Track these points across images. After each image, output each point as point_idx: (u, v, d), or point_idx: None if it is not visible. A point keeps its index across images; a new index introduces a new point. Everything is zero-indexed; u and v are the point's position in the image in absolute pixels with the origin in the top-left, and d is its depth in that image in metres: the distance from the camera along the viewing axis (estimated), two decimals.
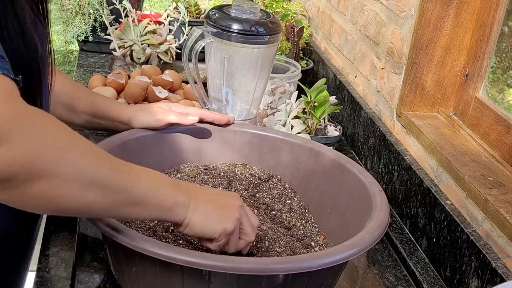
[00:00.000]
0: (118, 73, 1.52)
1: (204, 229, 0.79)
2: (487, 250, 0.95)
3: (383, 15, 1.42)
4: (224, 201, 0.82)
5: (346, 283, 1.01)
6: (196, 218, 0.78)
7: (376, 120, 1.38)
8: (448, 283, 1.03)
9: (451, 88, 1.28)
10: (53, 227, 0.99)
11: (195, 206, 0.78)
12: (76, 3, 1.79)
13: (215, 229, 0.79)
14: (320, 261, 0.78)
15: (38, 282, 0.87)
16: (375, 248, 1.11)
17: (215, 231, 0.79)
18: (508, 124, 1.09)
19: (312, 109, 1.35)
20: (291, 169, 1.11)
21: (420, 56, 1.26)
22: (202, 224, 0.78)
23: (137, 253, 0.76)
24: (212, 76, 1.27)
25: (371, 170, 1.37)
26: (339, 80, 1.63)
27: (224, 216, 0.80)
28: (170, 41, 1.69)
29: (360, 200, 0.97)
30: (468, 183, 1.04)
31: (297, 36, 1.72)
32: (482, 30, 1.19)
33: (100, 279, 0.92)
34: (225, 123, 1.12)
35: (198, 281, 0.78)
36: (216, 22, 1.20)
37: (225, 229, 0.79)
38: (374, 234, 0.84)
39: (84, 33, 1.80)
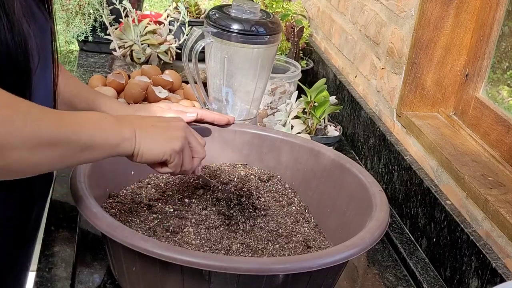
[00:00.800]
0: (118, 73, 1.52)
1: (153, 154, 0.82)
2: (487, 250, 0.95)
3: (383, 15, 1.42)
4: (167, 124, 0.86)
5: (346, 283, 1.01)
6: (144, 146, 0.81)
7: (376, 120, 1.38)
8: (448, 283, 1.03)
9: (451, 88, 1.28)
10: (53, 227, 0.99)
11: (140, 135, 0.81)
12: (76, 3, 1.79)
13: (164, 150, 0.83)
14: (320, 261, 0.78)
15: (38, 282, 0.87)
16: (375, 248, 1.11)
17: (164, 151, 0.83)
18: (508, 124, 1.09)
19: (312, 109, 1.35)
20: (291, 169, 1.11)
21: (420, 56, 1.26)
22: (151, 150, 0.82)
23: (137, 253, 0.76)
24: (212, 76, 1.27)
25: (371, 170, 1.37)
26: (339, 80, 1.63)
27: (170, 137, 0.84)
28: (170, 41, 1.69)
29: (360, 200, 0.97)
30: (468, 183, 1.04)
31: (297, 36, 1.72)
32: (482, 30, 1.19)
33: (100, 279, 0.92)
34: (225, 123, 1.12)
35: (198, 281, 0.78)
36: (216, 22, 1.20)
37: (173, 148, 0.83)
38: (374, 234, 0.84)
39: (84, 33, 1.80)
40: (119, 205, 0.94)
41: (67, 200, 1.07)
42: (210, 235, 0.91)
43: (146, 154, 0.82)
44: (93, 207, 0.81)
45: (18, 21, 0.76)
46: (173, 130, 0.85)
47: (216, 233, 0.92)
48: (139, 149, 0.81)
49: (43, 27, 0.86)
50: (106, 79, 1.52)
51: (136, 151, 0.81)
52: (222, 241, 0.90)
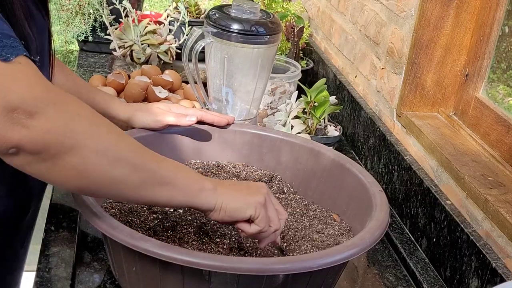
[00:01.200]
0: (118, 73, 1.52)
1: (237, 207, 0.79)
2: (487, 250, 0.95)
3: (383, 15, 1.42)
4: (246, 186, 0.83)
5: (346, 283, 1.01)
6: (227, 200, 0.78)
7: (376, 120, 1.38)
8: (448, 283, 1.03)
9: (451, 88, 1.28)
10: (53, 227, 1.00)
11: (222, 189, 0.79)
12: (76, 3, 1.79)
13: (248, 203, 0.79)
14: (320, 261, 0.78)
15: (38, 282, 0.87)
16: (375, 248, 1.11)
17: (248, 204, 0.79)
18: (508, 124, 1.09)
19: (312, 109, 1.35)
20: (291, 169, 1.11)
21: (420, 56, 1.26)
22: (235, 203, 0.79)
23: (137, 253, 0.76)
24: (212, 76, 1.27)
25: (371, 170, 1.37)
26: (339, 80, 1.63)
27: (253, 192, 0.81)
28: (170, 41, 1.69)
29: (360, 200, 0.97)
30: (468, 183, 1.04)
31: (297, 36, 1.72)
32: (482, 30, 1.19)
33: (100, 279, 0.92)
34: (224, 124, 1.12)
35: (198, 281, 0.78)
36: (216, 22, 1.20)
37: (258, 200, 0.80)
38: (374, 234, 0.84)
39: (84, 33, 1.80)
40: (119, 205, 0.94)
41: (67, 200, 1.07)
42: (211, 235, 0.91)
43: (230, 208, 0.78)
44: (93, 207, 0.81)
45: (20, 23, 0.77)
46: (254, 187, 0.82)
47: (217, 233, 0.92)
48: (222, 203, 0.78)
49: (41, 28, 0.86)
50: (106, 79, 1.52)
51: (218, 205, 0.78)
52: (223, 241, 0.90)
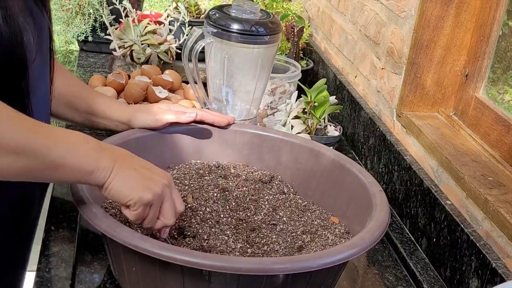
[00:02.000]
0: (118, 73, 1.52)
1: (120, 194, 0.79)
2: (487, 250, 0.95)
3: (383, 15, 1.42)
4: (150, 173, 0.81)
5: (346, 283, 1.01)
6: (115, 183, 0.78)
7: (376, 120, 1.38)
8: (448, 283, 1.03)
9: (451, 88, 1.28)
10: (53, 227, 1.00)
11: (117, 171, 0.78)
12: (76, 3, 1.79)
13: (131, 195, 0.78)
14: (320, 261, 0.78)
15: (38, 282, 0.87)
16: (375, 248, 1.11)
17: (131, 197, 0.79)
18: (508, 124, 1.09)
19: (312, 109, 1.35)
20: (291, 169, 1.11)
21: (420, 56, 1.26)
22: (120, 189, 0.78)
23: (137, 253, 0.76)
24: (212, 76, 1.27)
25: (371, 170, 1.37)
26: (339, 80, 1.63)
27: (144, 186, 0.79)
28: (170, 41, 1.69)
29: (360, 200, 0.97)
30: (468, 183, 1.04)
31: (297, 36, 1.72)
32: (482, 30, 1.19)
33: (100, 279, 0.92)
34: (225, 125, 1.12)
35: (198, 281, 0.78)
36: (216, 22, 1.20)
37: (141, 197, 0.79)
38: (374, 234, 0.84)
39: (84, 33, 1.80)
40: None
41: (67, 200, 1.07)
42: (211, 235, 0.91)
43: (112, 191, 0.79)
44: (93, 207, 0.81)
45: (13, 14, 0.77)
46: (151, 182, 0.80)
47: (217, 233, 0.92)
48: (109, 184, 0.78)
49: (41, 25, 0.86)
50: (106, 79, 1.52)
51: (106, 185, 0.78)
52: (223, 241, 0.90)
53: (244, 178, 1.08)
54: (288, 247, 0.92)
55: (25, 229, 0.99)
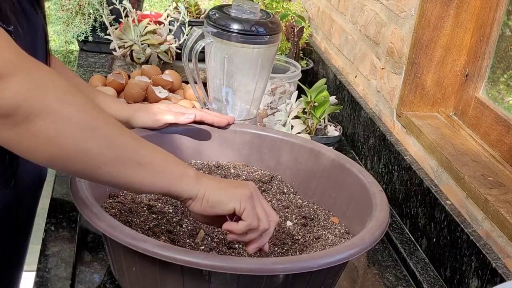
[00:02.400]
0: (118, 73, 1.52)
1: (221, 198, 0.74)
2: (487, 250, 0.95)
3: (383, 15, 1.42)
4: (234, 182, 0.80)
5: (346, 283, 1.01)
6: (210, 189, 0.74)
7: (376, 120, 1.38)
8: (448, 283, 1.03)
9: (451, 88, 1.28)
10: (53, 227, 1.00)
11: (206, 180, 0.75)
12: (76, 3, 1.79)
13: (232, 195, 0.74)
14: (320, 261, 0.78)
15: (38, 282, 0.87)
16: (375, 248, 1.11)
17: (232, 196, 0.74)
18: (508, 124, 1.09)
19: (312, 109, 1.35)
20: (291, 169, 1.11)
21: (420, 56, 1.26)
22: (218, 194, 0.74)
23: (137, 253, 0.76)
24: (212, 76, 1.27)
25: (371, 170, 1.37)
26: (339, 80, 1.63)
27: (238, 186, 0.77)
28: (170, 41, 1.69)
29: (360, 200, 0.97)
30: (468, 183, 1.04)
31: (297, 36, 1.72)
32: (482, 30, 1.19)
33: (100, 279, 0.92)
34: (225, 125, 1.12)
35: (198, 281, 0.78)
36: (216, 22, 1.20)
37: (242, 193, 0.75)
38: (374, 234, 0.84)
39: (84, 33, 1.80)
40: (119, 205, 0.94)
41: (67, 200, 1.07)
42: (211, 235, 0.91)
43: (213, 198, 0.74)
44: (93, 207, 0.81)
45: (5, 14, 0.76)
46: (241, 182, 0.79)
47: (218, 233, 0.92)
48: (205, 192, 0.73)
49: (35, 26, 0.86)
50: (106, 79, 1.52)
51: (201, 193, 0.73)
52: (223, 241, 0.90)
53: (244, 178, 1.08)
54: (288, 247, 0.92)
55: (20, 229, 0.99)
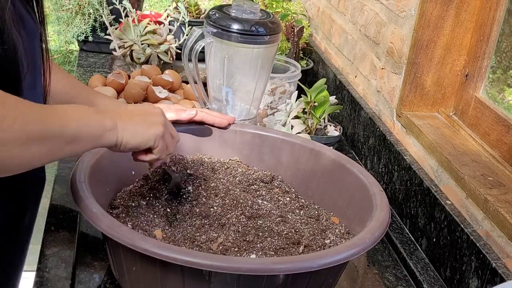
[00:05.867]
0: (118, 73, 1.52)
1: (137, 141, 0.83)
2: (487, 250, 0.95)
3: (383, 15, 1.42)
4: (145, 111, 0.87)
5: (346, 283, 1.01)
6: (127, 135, 0.82)
7: (376, 120, 1.38)
8: (448, 283, 1.03)
9: (451, 88, 1.28)
10: (53, 227, 1.00)
11: (122, 125, 0.82)
12: (76, 3, 1.79)
13: (148, 136, 0.84)
14: (320, 261, 0.78)
15: (38, 282, 0.87)
16: (375, 248, 1.11)
17: (148, 137, 0.84)
18: (508, 124, 1.09)
19: (312, 109, 1.35)
20: (291, 169, 1.11)
21: (420, 56, 1.26)
22: (134, 137, 0.83)
23: (137, 253, 0.76)
24: (212, 76, 1.27)
25: (371, 170, 1.37)
26: (339, 80, 1.63)
27: (151, 123, 0.85)
28: (170, 41, 1.69)
29: (361, 200, 0.97)
30: (468, 183, 1.04)
31: (297, 36, 1.72)
32: (482, 30, 1.19)
33: (100, 279, 0.92)
34: (225, 125, 1.12)
35: (198, 281, 0.78)
36: (216, 22, 1.20)
37: (156, 133, 0.85)
38: (375, 234, 0.84)
39: (84, 33, 1.80)
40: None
41: (67, 200, 1.07)
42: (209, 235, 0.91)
43: (130, 142, 0.82)
44: (93, 207, 0.81)
45: (8, 29, 0.76)
46: (152, 116, 0.86)
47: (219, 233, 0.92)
48: (123, 138, 0.82)
49: (32, 32, 0.85)
50: (106, 79, 1.52)
51: (119, 141, 0.82)
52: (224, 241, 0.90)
53: (244, 178, 1.08)
54: (288, 247, 0.92)
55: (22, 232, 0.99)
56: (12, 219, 0.92)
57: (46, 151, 0.74)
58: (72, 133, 0.76)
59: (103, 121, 0.81)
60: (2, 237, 0.92)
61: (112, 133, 0.81)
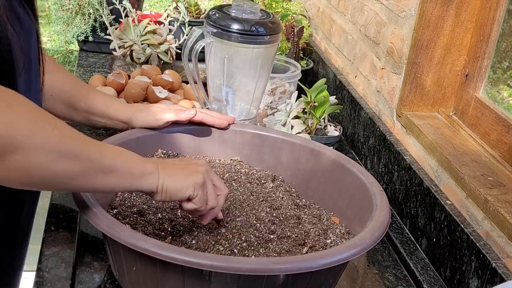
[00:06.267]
0: (118, 73, 1.52)
1: (177, 188, 0.82)
2: (487, 250, 0.95)
3: (383, 15, 1.42)
4: (188, 161, 0.88)
5: (346, 283, 1.01)
6: (168, 181, 0.81)
7: (376, 120, 1.38)
8: (448, 283, 1.03)
9: (451, 88, 1.28)
10: (53, 227, 1.00)
11: (163, 171, 0.81)
12: (76, 3, 1.79)
13: (187, 184, 0.82)
14: (320, 261, 0.78)
15: (38, 282, 0.87)
16: (375, 248, 1.11)
17: (187, 185, 0.82)
18: (508, 124, 1.09)
19: (312, 109, 1.35)
20: (291, 169, 1.11)
21: (420, 56, 1.26)
22: (174, 185, 0.81)
23: (137, 253, 0.76)
24: (212, 76, 1.27)
25: (371, 170, 1.37)
26: (339, 80, 1.63)
27: (192, 171, 0.84)
28: (170, 41, 1.69)
29: (361, 200, 0.97)
30: (468, 183, 1.04)
31: (297, 36, 1.72)
32: (482, 30, 1.19)
33: (100, 279, 0.92)
34: (225, 126, 1.12)
35: (198, 281, 0.78)
36: (216, 22, 1.20)
37: (196, 181, 0.83)
38: (375, 234, 0.84)
39: (84, 33, 1.80)
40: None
41: (67, 200, 1.07)
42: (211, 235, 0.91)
43: (170, 190, 0.81)
44: (93, 207, 0.81)
45: (2, 25, 0.76)
46: (194, 165, 0.85)
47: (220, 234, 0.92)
48: (163, 185, 0.81)
49: (28, 28, 0.85)
50: (106, 79, 1.52)
51: (160, 187, 0.80)
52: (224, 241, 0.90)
53: (244, 178, 1.08)
54: (289, 247, 0.92)
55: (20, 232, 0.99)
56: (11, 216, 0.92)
57: (79, 172, 0.73)
58: (110, 162, 0.76)
59: (144, 163, 0.80)
60: (2, 237, 0.92)
61: (152, 177, 0.80)
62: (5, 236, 0.94)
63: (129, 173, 0.78)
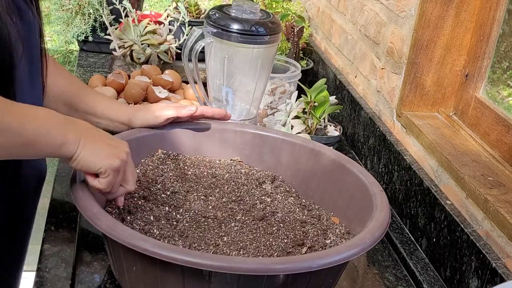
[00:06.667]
0: (118, 73, 1.52)
1: (89, 163, 0.82)
2: (487, 250, 0.95)
3: (383, 15, 1.42)
4: (115, 143, 0.86)
5: (346, 283, 1.01)
6: (84, 153, 0.82)
7: (376, 120, 1.38)
8: (448, 283, 1.03)
9: (451, 88, 1.28)
10: (53, 227, 1.00)
11: (84, 142, 0.82)
12: (76, 3, 1.79)
13: (101, 163, 0.82)
14: (320, 261, 0.78)
15: (38, 282, 0.87)
16: (375, 248, 1.11)
17: (101, 165, 0.82)
18: (508, 124, 1.09)
19: (312, 109, 1.35)
20: (291, 169, 1.11)
21: (420, 56, 1.26)
22: (89, 158, 0.82)
23: (137, 253, 0.76)
24: (212, 76, 1.27)
25: (371, 170, 1.37)
26: (339, 80, 1.63)
27: (111, 154, 0.84)
28: (170, 41, 1.69)
29: (361, 200, 0.97)
30: (468, 183, 1.04)
31: (297, 36, 1.72)
32: (482, 30, 1.19)
33: (100, 279, 0.92)
34: (224, 115, 1.12)
35: (198, 281, 0.78)
36: (216, 22, 1.20)
37: (111, 164, 0.83)
38: (375, 234, 0.84)
39: (84, 33, 1.80)
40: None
41: (67, 200, 1.07)
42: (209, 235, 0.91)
43: (82, 161, 0.82)
44: (93, 207, 0.81)
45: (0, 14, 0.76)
46: (117, 150, 0.85)
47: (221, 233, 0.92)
48: (78, 155, 0.81)
49: (29, 23, 0.86)
50: (106, 79, 1.52)
51: (75, 156, 0.81)
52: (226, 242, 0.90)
53: (245, 178, 1.08)
54: (288, 248, 0.92)
55: (22, 227, 0.99)
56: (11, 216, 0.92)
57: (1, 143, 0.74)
58: (30, 134, 0.77)
59: (66, 133, 0.81)
60: (2, 237, 0.92)
61: (72, 147, 0.81)
62: (5, 236, 0.94)
63: (49, 145, 0.79)
